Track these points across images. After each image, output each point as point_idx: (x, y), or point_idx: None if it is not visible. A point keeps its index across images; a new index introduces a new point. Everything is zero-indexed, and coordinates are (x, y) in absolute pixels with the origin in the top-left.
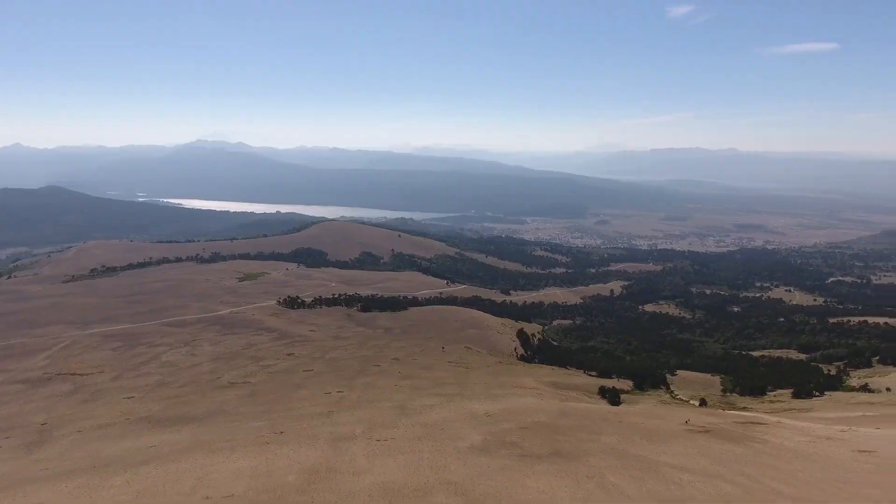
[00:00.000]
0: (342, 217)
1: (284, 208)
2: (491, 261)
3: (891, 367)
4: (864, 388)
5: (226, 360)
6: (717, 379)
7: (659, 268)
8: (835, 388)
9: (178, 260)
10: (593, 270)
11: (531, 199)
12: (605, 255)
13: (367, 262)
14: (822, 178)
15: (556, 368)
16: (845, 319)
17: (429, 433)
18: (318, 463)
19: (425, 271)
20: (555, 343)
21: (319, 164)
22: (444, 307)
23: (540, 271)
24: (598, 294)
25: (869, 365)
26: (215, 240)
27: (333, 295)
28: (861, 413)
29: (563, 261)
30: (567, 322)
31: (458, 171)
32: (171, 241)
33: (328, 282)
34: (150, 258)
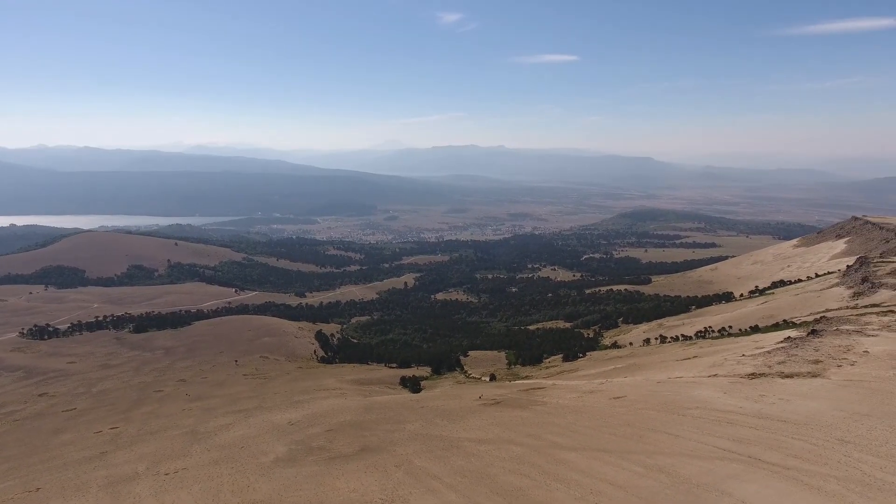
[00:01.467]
0: (102, 227)
1: (21, 220)
2: (283, 264)
3: (632, 325)
4: (614, 345)
5: None
6: (502, 354)
7: (447, 258)
8: (593, 349)
9: None
10: (387, 265)
11: (321, 198)
12: (397, 250)
13: (138, 276)
14: (570, 171)
15: (357, 365)
16: (597, 289)
17: (227, 455)
18: None
19: (210, 281)
20: (355, 341)
21: (65, 166)
22: (235, 317)
23: (335, 270)
24: (393, 288)
25: (616, 325)
26: None
27: (97, 318)
28: (613, 367)
29: (357, 258)
30: (365, 318)
31: (241, 171)
32: None
33: (89, 303)
34: None
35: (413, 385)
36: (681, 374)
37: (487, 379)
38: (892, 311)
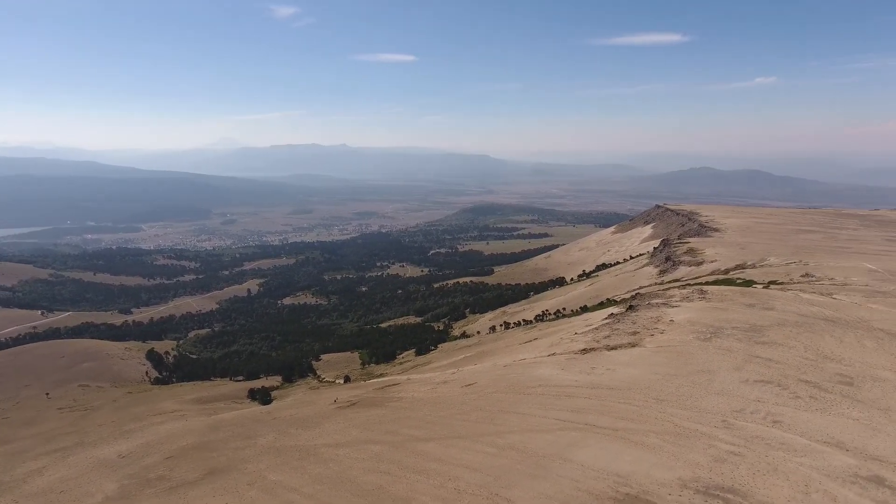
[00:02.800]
0: None
1: None
2: (102, 278)
3: (479, 315)
4: (463, 335)
5: None
6: (356, 355)
7: (292, 261)
8: (444, 340)
9: None
10: (227, 272)
11: (146, 203)
12: (238, 255)
13: None
14: (414, 169)
15: (199, 383)
16: (445, 283)
17: None
18: None
19: (6, 304)
20: (194, 356)
21: None
22: (43, 343)
23: (166, 282)
24: (235, 296)
25: (464, 316)
26: None
27: None
28: (463, 356)
29: (192, 267)
30: (205, 331)
31: (43, 174)
32: None
33: None
34: None
35: (263, 396)
36: (524, 356)
37: (342, 381)
38: (688, 285)
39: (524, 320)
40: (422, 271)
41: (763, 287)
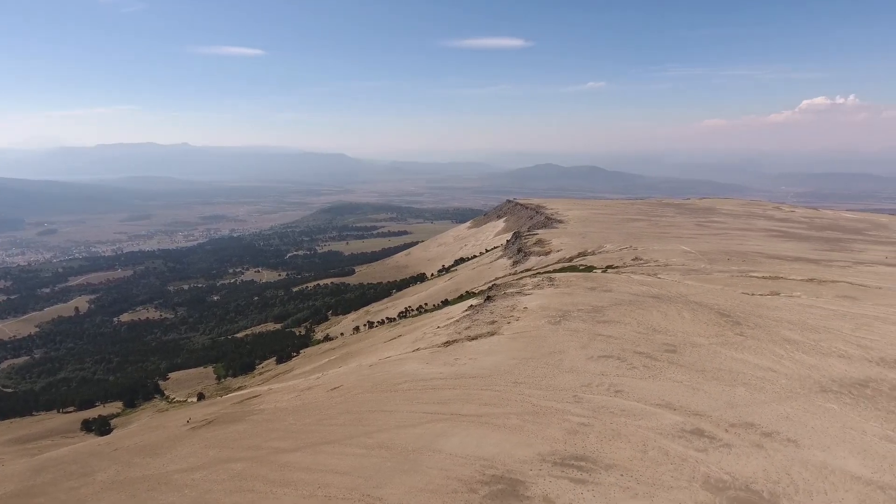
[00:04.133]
0: None
1: None
2: None
3: (342, 316)
4: (327, 338)
5: None
6: (210, 369)
7: (129, 273)
8: (307, 345)
9: None
10: (47, 290)
11: None
12: (61, 270)
13: None
14: (268, 168)
15: (17, 420)
16: (304, 286)
17: None
18: None
19: None
20: (9, 390)
21: None
22: None
23: None
24: (59, 316)
25: (327, 319)
26: None
27: None
28: (328, 359)
29: (2, 286)
30: (23, 359)
31: None
32: None
33: None
34: None
35: (101, 426)
36: (389, 353)
37: (195, 399)
38: (539, 273)
39: (388, 318)
40: (279, 275)
41: (602, 272)
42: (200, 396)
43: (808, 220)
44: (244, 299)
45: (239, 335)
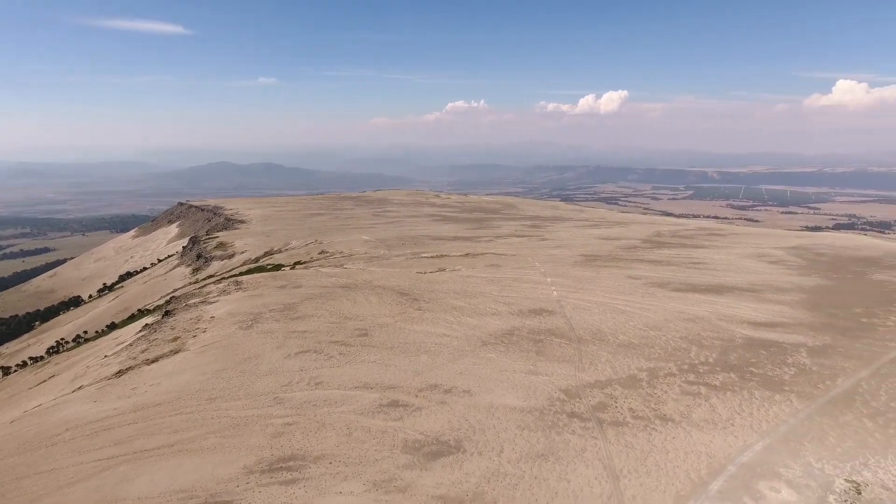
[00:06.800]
0: None
1: None
2: None
3: None
4: None
5: None
6: None
7: None
8: None
9: None
10: None
11: None
12: None
13: None
14: None
15: None
16: None
17: None
18: None
19: None
20: None
21: None
22: None
23: None
24: None
25: None
26: None
27: None
28: None
29: None
30: None
31: None
32: None
33: None
34: None
35: None
36: (40, 401)
37: None
38: (224, 278)
39: (31, 358)
40: None
41: (290, 268)
42: None
43: (461, 204)
44: None
45: None
